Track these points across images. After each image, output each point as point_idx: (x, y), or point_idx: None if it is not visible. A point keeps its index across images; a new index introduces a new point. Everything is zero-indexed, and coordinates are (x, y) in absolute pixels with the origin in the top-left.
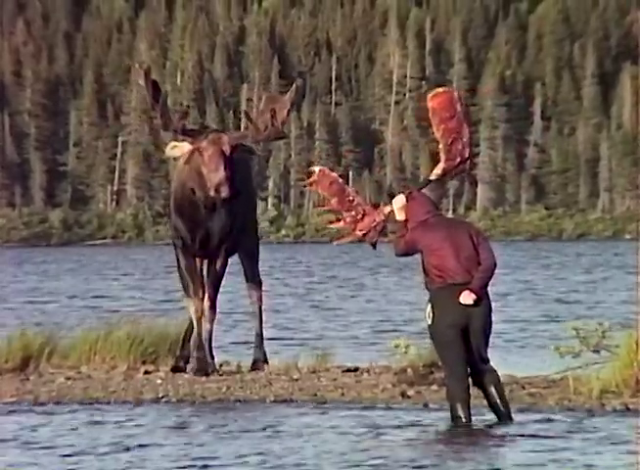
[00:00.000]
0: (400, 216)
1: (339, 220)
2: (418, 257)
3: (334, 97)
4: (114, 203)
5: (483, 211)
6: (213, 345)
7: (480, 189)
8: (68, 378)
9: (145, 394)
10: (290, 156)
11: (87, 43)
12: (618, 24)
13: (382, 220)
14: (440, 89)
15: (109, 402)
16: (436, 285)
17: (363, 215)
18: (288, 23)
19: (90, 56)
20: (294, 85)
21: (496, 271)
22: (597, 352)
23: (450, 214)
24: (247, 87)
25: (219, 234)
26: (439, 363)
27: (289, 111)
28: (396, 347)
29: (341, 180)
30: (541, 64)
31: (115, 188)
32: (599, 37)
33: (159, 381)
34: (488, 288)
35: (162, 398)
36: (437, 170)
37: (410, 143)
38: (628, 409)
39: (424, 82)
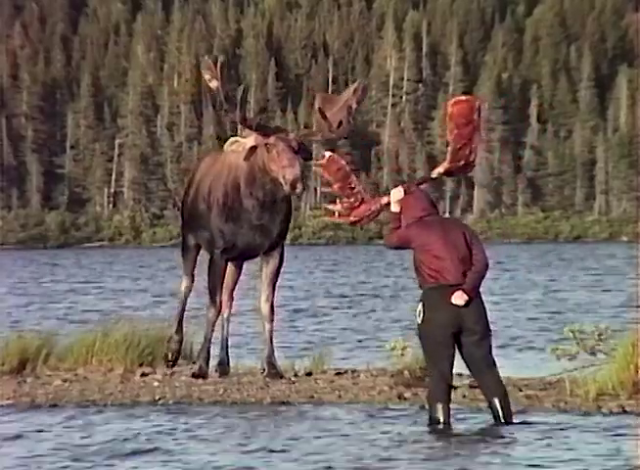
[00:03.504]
0: (396, 208)
1: (335, 203)
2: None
3: None
4: (110, 205)
5: (480, 213)
6: (215, 346)
7: (476, 191)
8: (65, 380)
9: (142, 396)
10: None
11: (84, 46)
12: (615, 27)
13: (377, 210)
14: (463, 97)
15: (105, 405)
16: (429, 284)
17: (360, 203)
18: (285, 25)
19: (87, 58)
20: (356, 84)
21: (495, 273)
22: (593, 354)
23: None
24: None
25: (278, 231)
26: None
27: (351, 110)
28: (393, 349)
29: (348, 168)
30: (538, 66)
31: (112, 190)
32: (595, 40)
33: (155, 383)
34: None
35: (159, 400)
36: (440, 169)
37: (407, 145)
38: (625, 411)
39: (420, 85)
